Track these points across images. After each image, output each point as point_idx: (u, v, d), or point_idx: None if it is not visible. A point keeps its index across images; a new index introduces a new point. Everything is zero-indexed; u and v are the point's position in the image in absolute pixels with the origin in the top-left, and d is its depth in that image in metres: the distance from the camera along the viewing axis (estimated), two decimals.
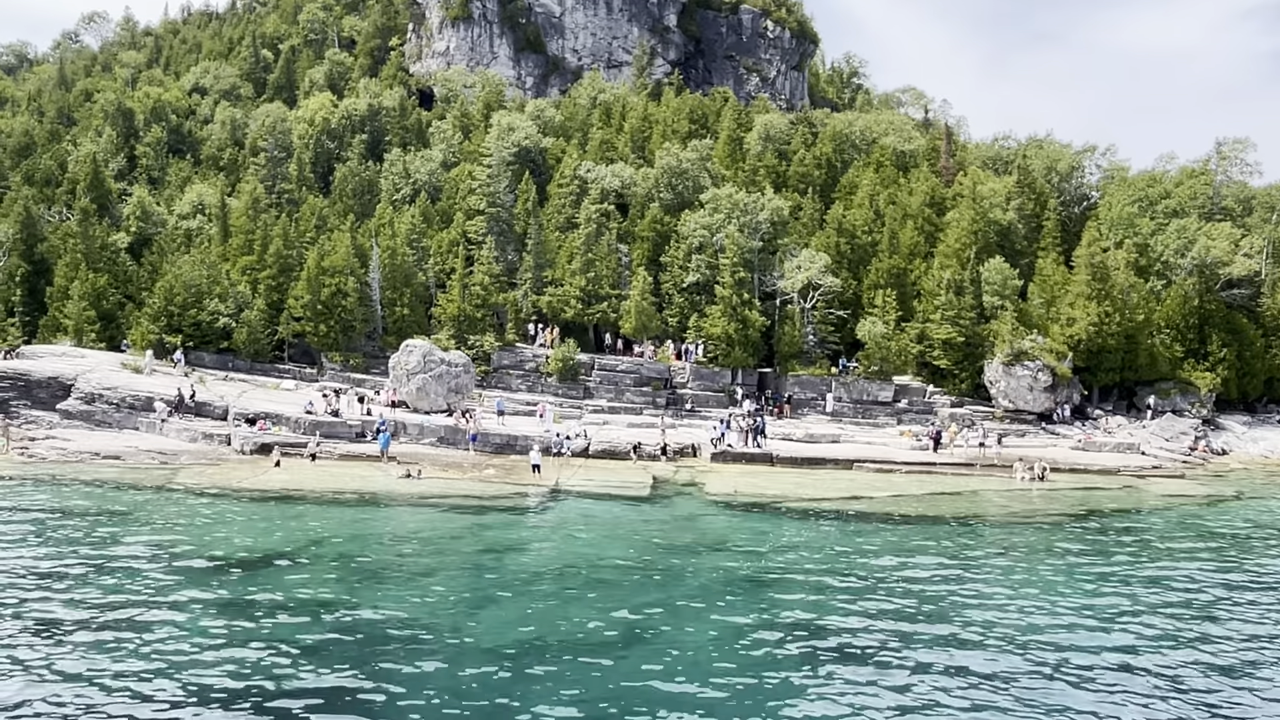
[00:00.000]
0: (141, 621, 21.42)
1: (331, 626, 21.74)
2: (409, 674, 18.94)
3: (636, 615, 23.27)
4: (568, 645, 20.92)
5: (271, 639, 20.60)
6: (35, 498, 34.90)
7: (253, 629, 21.26)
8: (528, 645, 20.82)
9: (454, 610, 23.36)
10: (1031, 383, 59.41)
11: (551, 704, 17.62)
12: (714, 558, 29.33)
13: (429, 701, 17.65)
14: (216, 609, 22.60)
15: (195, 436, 47.08)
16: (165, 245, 67.72)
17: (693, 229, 63.63)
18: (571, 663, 19.84)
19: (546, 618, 22.75)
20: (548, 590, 25.32)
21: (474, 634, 21.52)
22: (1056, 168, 78.66)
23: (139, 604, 22.64)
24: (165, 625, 21.21)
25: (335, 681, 18.47)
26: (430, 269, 64.01)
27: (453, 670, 19.28)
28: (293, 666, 19.08)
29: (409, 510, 35.63)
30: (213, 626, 21.31)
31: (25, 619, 21.32)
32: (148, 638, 20.37)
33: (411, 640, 20.98)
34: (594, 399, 59.46)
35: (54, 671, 18.39)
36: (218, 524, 32.19)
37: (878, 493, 41.05)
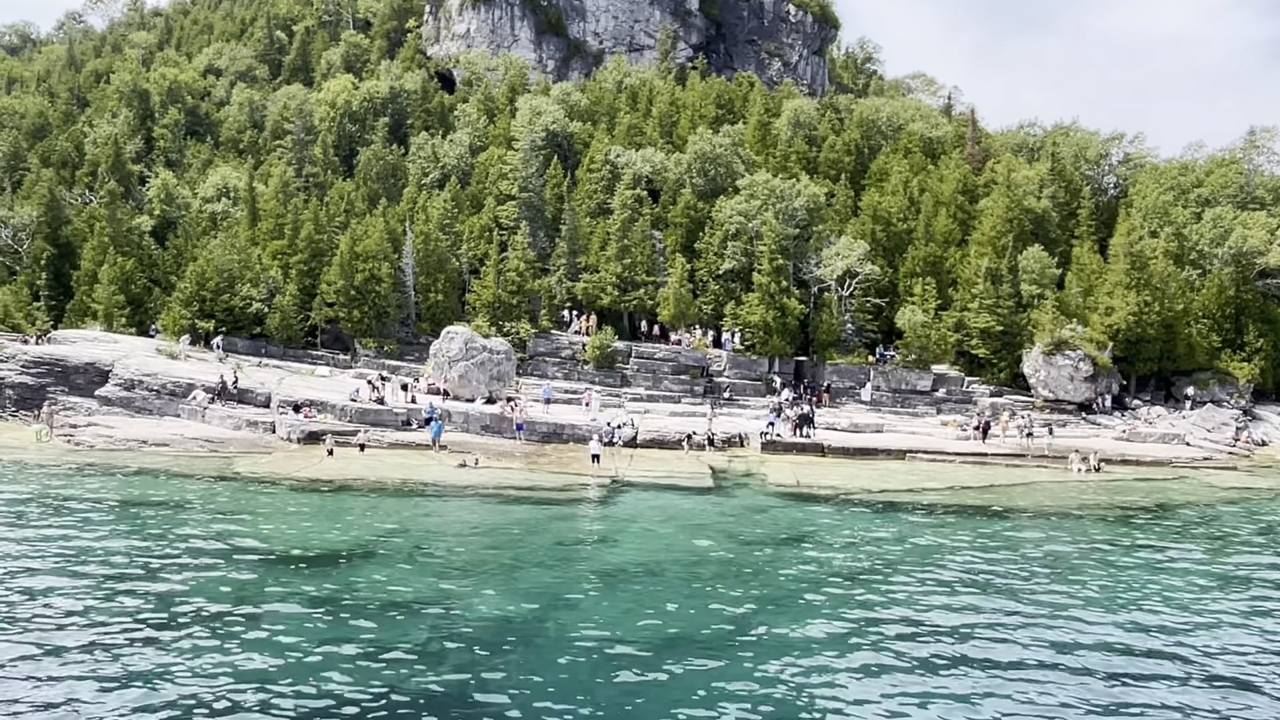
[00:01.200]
0: (237, 620, 20.66)
1: (433, 625, 21.03)
2: (522, 675, 18.23)
3: (738, 610, 22.69)
4: (677, 643, 20.25)
5: (375, 640, 19.84)
6: (94, 486, 34.15)
7: (354, 628, 20.53)
8: (637, 644, 20.16)
9: (552, 606, 22.68)
10: (1072, 372, 58.92)
11: (672, 705, 16.96)
12: (798, 551, 28.76)
13: (546, 703, 16.96)
14: (310, 606, 21.84)
15: (239, 424, 46.31)
16: (190, 229, 66.75)
17: (729, 215, 62.91)
18: (685, 662, 19.17)
19: (649, 615, 22.10)
20: (642, 585, 24.70)
21: (578, 631, 20.82)
22: (1085, 155, 78.11)
23: (229, 600, 21.91)
24: (261, 626, 20.42)
25: (449, 684, 17.74)
26: (464, 254, 63.16)
27: (565, 669, 18.63)
28: (405, 668, 18.34)
29: (475, 501, 34.98)
30: (311, 626, 20.59)
31: (118, 615, 20.55)
32: (247, 638, 19.60)
33: (517, 639, 20.29)
34: (631, 387, 58.80)
35: (154, 674, 17.59)
36: (286, 515, 31.53)
37: (939, 484, 40.51)
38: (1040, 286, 62.85)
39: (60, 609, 20.80)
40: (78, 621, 20.07)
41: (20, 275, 64.14)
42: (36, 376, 48.86)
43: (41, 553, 25.04)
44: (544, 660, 19.10)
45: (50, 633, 19.36)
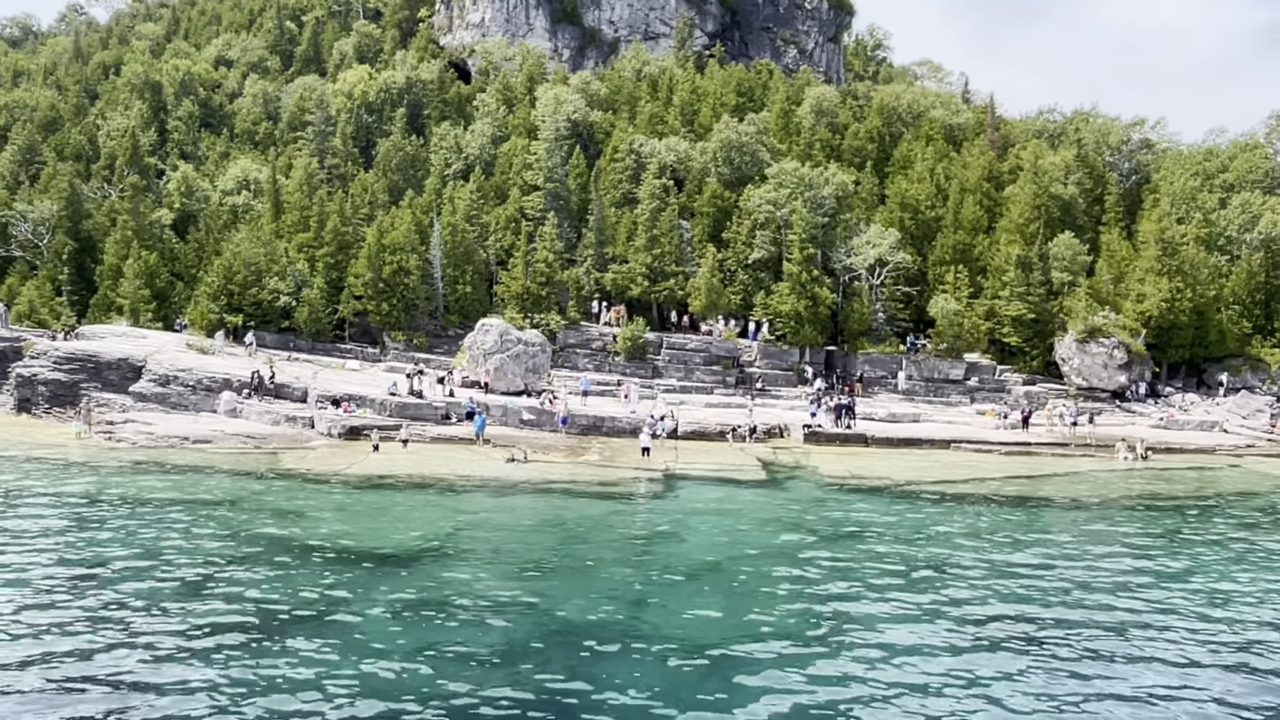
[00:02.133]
0: (325, 623, 20.01)
1: (521, 626, 20.37)
2: (619, 677, 17.53)
3: (822, 608, 22.11)
4: (763, 641, 19.59)
5: (466, 642, 19.17)
6: (147, 484, 33.59)
7: (441, 630, 19.86)
8: (722, 641, 19.49)
9: (636, 605, 22.12)
10: (1106, 360, 58.61)
11: (771, 703, 16.48)
12: (869, 545, 28.26)
13: (648, 704, 16.43)
14: (394, 608, 21.21)
15: (278, 419, 45.78)
16: (211, 222, 66.08)
17: (758, 204, 62.38)
18: (776, 661, 18.46)
19: (731, 611, 21.50)
20: (718, 582, 24.11)
21: (662, 630, 20.20)
22: (1107, 141, 77.61)
23: (314, 603, 21.26)
24: (349, 629, 19.74)
25: (549, 688, 17.06)
26: (491, 246, 62.60)
27: (654, 669, 17.99)
28: (501, 672, 17.67)
29: (531, 497, 34.47)
30: (399, 629, 19.91)
31: (206, 619, 19.90)
32: (339, 642, 18.93)
33: (608, 639, 19.62)
34: (663, 378, 58.33)
35: (249, 680, 16.93)
36: (346, 513, 31.05)
37: (993, 475, 40.14)
38: (1071, 274, 62.48)
39: (145, 612, 20.25)
40: (166, 625, 19.52)
41: (42, 270, 63.50)
42: (69, 373, 48.28)
43: (114, 554, 24.50)
44: (640, 661, 18.47)
45: (141, 636, 18.77)
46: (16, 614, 19.64)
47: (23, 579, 22.02)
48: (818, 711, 16.32)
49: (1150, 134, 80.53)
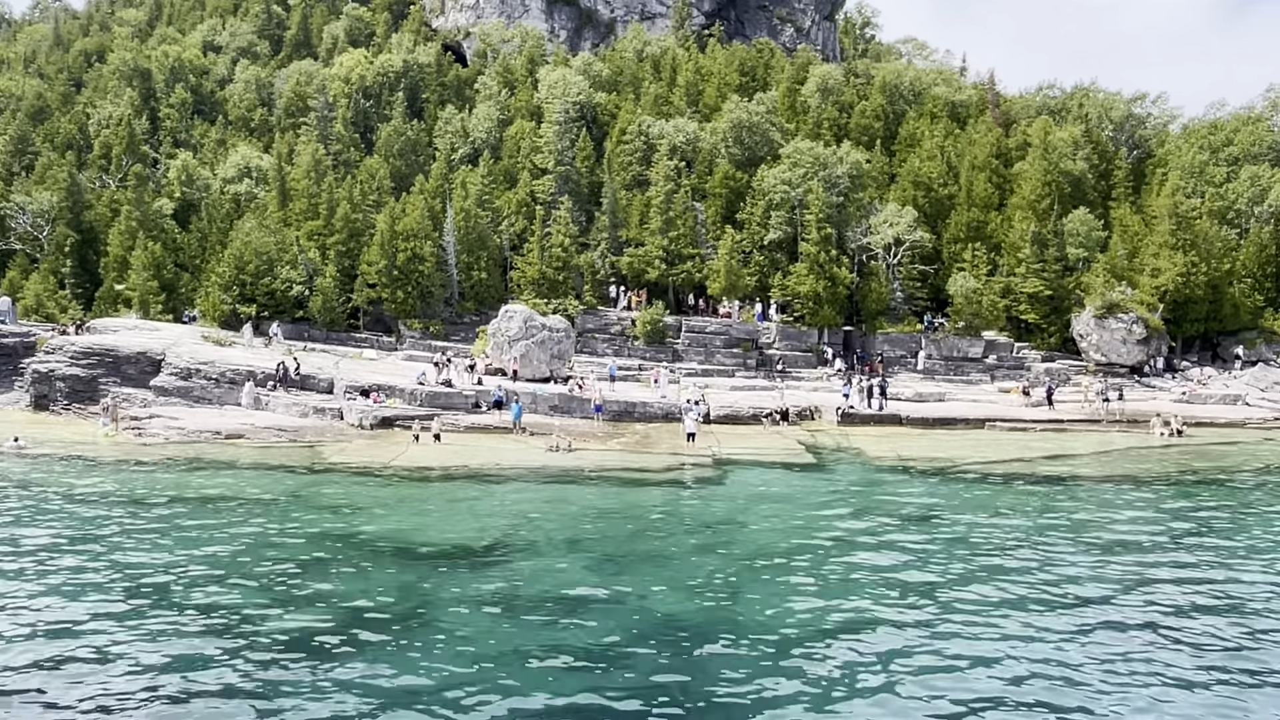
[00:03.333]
0: (410, 623, 19.31)
1: (608, 619, 19.66)
2: (718, 669, 17.02)
3: (919, 593, 21.67)
4: (870, 628, 19.15)
5: (554, 636, 18.59)
6: (195, 482, 32.78)
7: (529, 627, 19.22)
8: (827, 630, 19.10)
9: (723, 594, 21.44)
10: (1125, 335, 58.61)
11: (882, 694, 16.10)
12: (943, 527, 27.86)
13: (754, 697, 16.00)
14: (474, 605, 20.49)
15: (306, 411, 44.95)
16: (214, 212, 64.77)
17: (773, 184, 61.81)
18: (890, 650, 17.97)
19: (825, 598, 20.96)
20: (804, 569, 23.58)
21: (761, 620, 19.58)
22: (1110, 115, 77.61)
23: (396, 602, 20.46)
24: (432, 627, 19.07)
25: (649, 683, 16.54)
26: (505, 231, 61.77)
27: (764, 661, 17.49)
28: (598, 669, 17.12)
29: (584, 486, 33.92)
30: (484, 626, 19.23)
31: (290, 623, 19.17)
32: (425, 640, 18.30)
33: (701, 631, 19.06)
34: (683, 361, 57.81)
35: (346, 681, 16.31)
36: (404, 506, 30.43)
37: (1038, 453, 39.99)
38: (1087, 250, 62.44)
39: (232, 616, 19.45)
40: (255, 629, 18.76)
41: (43, 263, 62.06)
42: (87, 368, 47.19)
43: (186, 558, 23.73)
44: (747, 653, 17.84)
45: (231, 641, 18.02)
46: (97, 621, 18.89)
47: (99, 584, 21.25)
48: (946, 702, 15.91)
49: (1152, 108, 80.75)
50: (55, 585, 21.04)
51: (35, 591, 20.52)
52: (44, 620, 18.93)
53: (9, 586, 20.92)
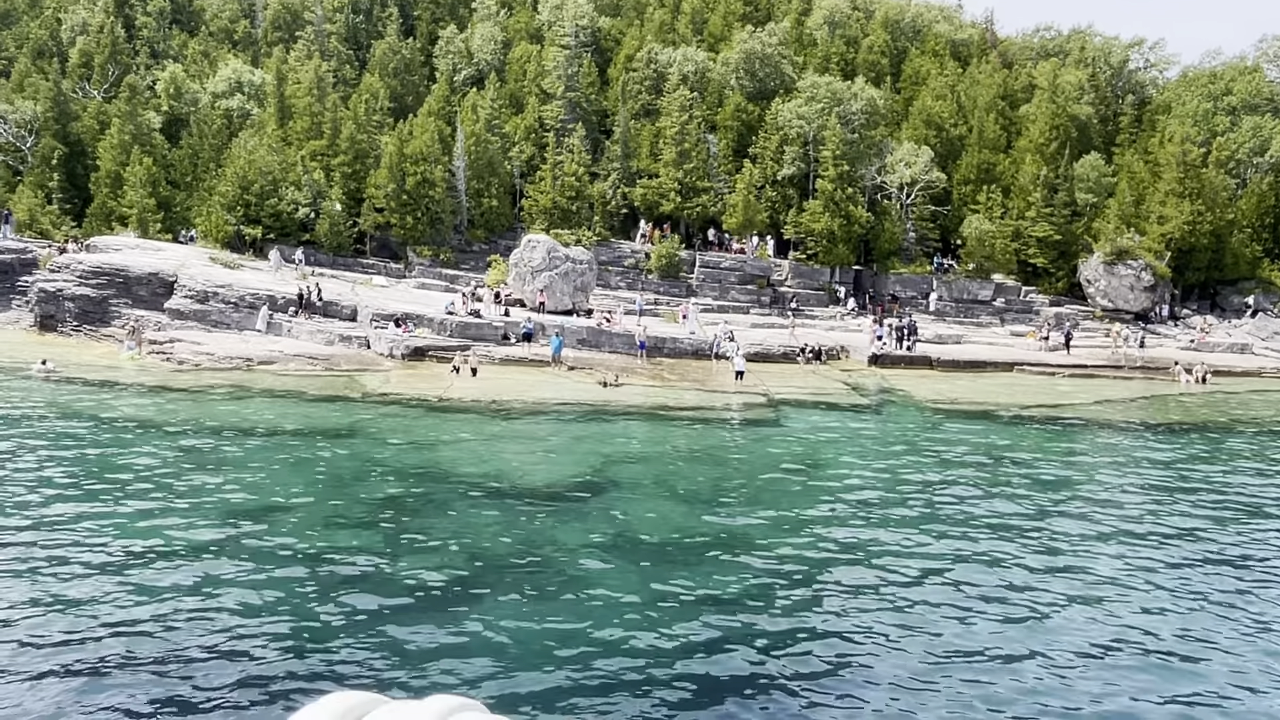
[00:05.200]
0: (522, 565, 18.66)
1: (730, 564, 19.14)
2: (863, 614, 16.83)
3: (1047, 535, 21.63)
4: (1009, 574, 19.03)
5: (682, 580, 18.07)
6: (250, 413, 31.56)
7: (649, 569, 18.65)
8: (962, 572, 18.99)
9: (839, 540, 21.02)
10: (1134, 282, 59.14)
11: (1023, 643, 15.91)
12: (1030, 471, 27.80)
13: (912, 642, 15.80)
14: (589, 548, 19.76)
15: (331, 339, 43.62)
16: (205, 127, 62.00)
17: (788, 119, 60.80)
18: (1033, 595, 17.92)
19: (951, 544, 20.78)
20: (912, 513, 23.22)
21: (899, 566, 19.30)
22: (1109, 60, 77.44)
23: (503, 545, 19.74)
24: (552, 571, 18.42)
25: (793, 627, 16.27)
26: (515, 157, 60.13)
27: (908, 608, 17.24)
28: (731, 611, 16.73)
29: (649, 423, 33.39)
30: (607, 569, 18.53)
31: (403, 569, 18.23)
32: (560, 585, 17.65)
33: (833, 575, 18.73)
34: (696, 297, 57.10)
35: (475, 629, 15.63)
36: (477, 443, 29.63)
37: (1080, 399, 40.24)
38: (1096, 195, 62.62)
39: (335, 559, 18.54)
40: (367, 574, 17.83)
41: (28, 176, 59.06)
42: (97, 288, 45.20)
43: (275, 495, 22.77)
44: (894, 598, 17.64)
45: (337, 586, 17.14)
46: (198, 558, 17.97)
47: (189, 520, 20.15)
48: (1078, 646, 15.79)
49: (1150, 54, 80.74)
50: (142, 522, 19.87)
51: (119, 529, 19.38)
52: (137, 557, 17.88)
53: (98, 521, 19.79)
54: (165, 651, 14.21)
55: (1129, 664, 15.19)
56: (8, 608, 15.35)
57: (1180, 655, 15.55)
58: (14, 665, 13.63)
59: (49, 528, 19.20)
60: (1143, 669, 15.05)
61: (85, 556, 17.71)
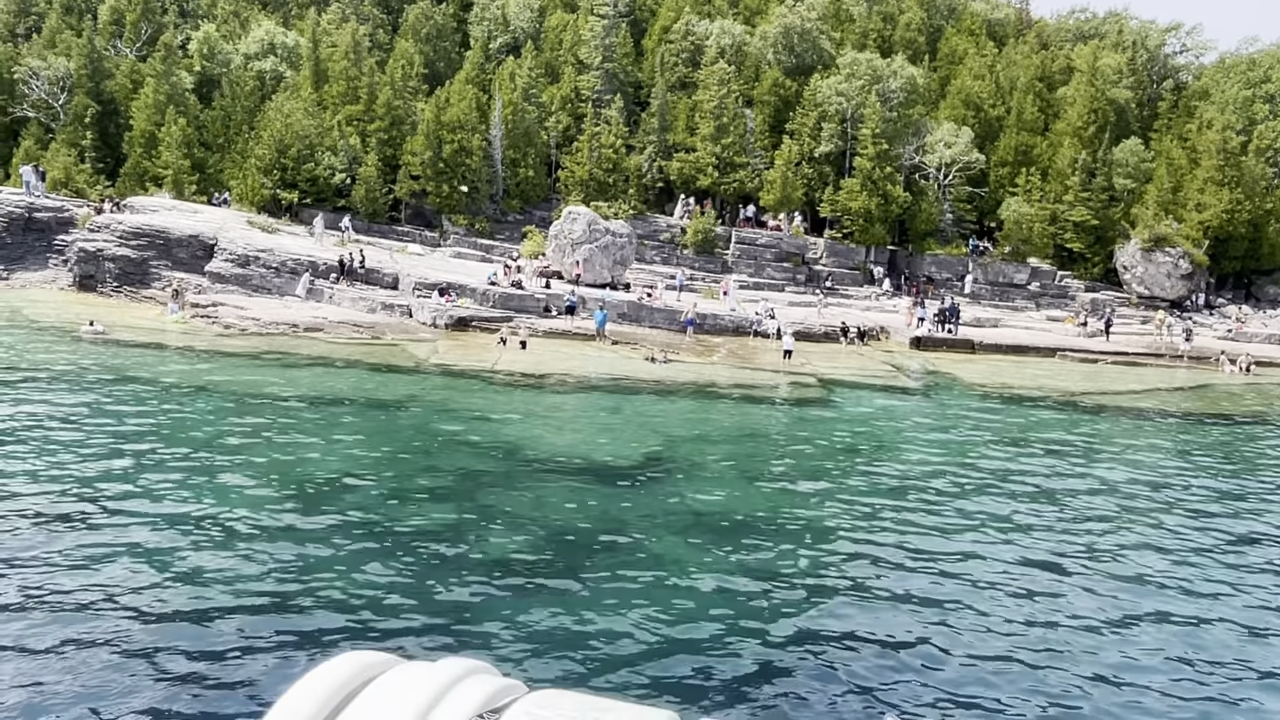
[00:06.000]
0: (603, 544, 18.35)
1: (813, 546, 18.98)
2: (940, 602, 16.50)
3: (1139, 524, 21.38)
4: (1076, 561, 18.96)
5: (769, 568, 17.66)
6: (308, 380, 31.35)
7: (732, 551, 18.31)
8: (1039, 559, 18.81)
9: (913, 526, 20.67)
10: (1171, 269, 58.74)
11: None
12: (1102, 460, 27.60)
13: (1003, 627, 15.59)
14: (668, 530, 19.40)
15: (373, 306, 43.37)
16: (237, 89, 61.41)
17: (827, 95, 60.21)
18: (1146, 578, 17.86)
19: (1026, 534, 20.53)
20: (986, 500, 23.05)
21: (971, 554, 19.07)
22: (1146, 44, 76.62)
23: (583, 522, 19.51)
24: (636, 551, 18.13)
25: (883, 613, 16.11)
26: (552, 127, 59.62)
27: (987, 595, 16.98)
28: (817, 595, 16.60)
29: (706, 403, 33.06)
30: (691, 553, 18.14)
31: (486, 547, 18.07)
32: (640, 563, 17.38)
33: (905, 562, 18.46)
34: (731, 273, 56.73)
35: (565, 608, 15.38)
36: (537, 417, 29.49)
37: (1132, 385, 40.06)
38: (1135, 181, 62.10)
39: (410, 533, 18.28)
40: (440, 548, 17.56)
41: (60, 134, 58.56)
42: (137, 249, 44.90)
43: (343, 463, 22.60)
44: (988, 579, 17.47)
45: (411, 560, 16.85)
46: (276, 528, 17.76)
47: (263, 490, 19.89)
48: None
49: (1186, 39, 79.90)
50: (214, 490, 19.62)
51: (192, 496, 19.14)
52: (210, 525, 17.67)
53: (172, 488, 19.57)
54: (231, 626, 14.01)
55: (1214, 670, 15.03)
56: (80, 568, 15.15)
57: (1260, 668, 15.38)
58: (96, 627, 13.45)
59: (120, 494, 18.97)
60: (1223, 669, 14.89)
61: (160, 523, 17.46)
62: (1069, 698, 13.58)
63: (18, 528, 16.87)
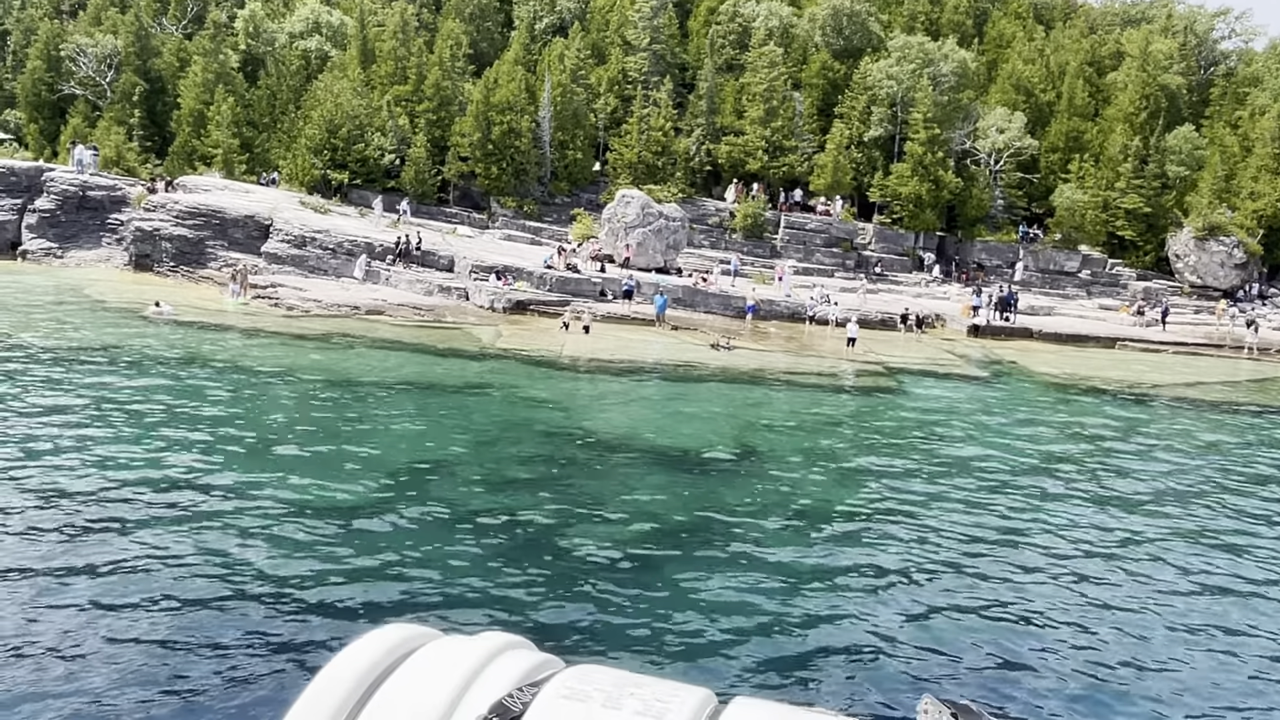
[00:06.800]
0: (708, 535, 18.03)
1: (915, 539, 18.62)
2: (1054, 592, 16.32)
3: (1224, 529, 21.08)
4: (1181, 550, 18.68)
5: (877, 563, 17.38)
6: (378, 362, 31.22)
7: (843, 547, 18.10)
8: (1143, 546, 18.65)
9: (1021, 517, 20.39)
10: (1225, 258, 58.00)
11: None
12: (1190, 454, 27.21)
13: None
14: (769, 522, 19.11)
15: (430, 289, 43.19)
16: (284, 68, 61.15)
17: (878, 79, 59.55)
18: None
19: (1133, 518, 20.40)
20: (1085, 489, 22.72)
21: (1061, 547, 18.75)
22: (1194, 29, 75.50)
23: (681, 516, 19.19)
24: (741, 541, 17.80)
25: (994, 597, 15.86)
26: (601, 109, 59.19)
27: (1108, 589, 16.76)
28: (936, 589, 16.29)
29: (779, 391, 32.75)
30: (796, 547, 17.88)
31: (592, 538, 17.79)
32: (749, 556, 17.03)
33: (1016, 553, 18.27)
34: (781, 258, 56.30)
35: (676, 596, 15.19)
36: (617, 405, 29.27)
37: (1206, 377, 39.49)
38: (1188, 168, 61.28)
39: (511, 523, 18.07)
40: (543, 539, 17.27)
41: (108, 112, 58.48)
42: (194, 229, 44.83)
43: (436, 450, 22.43)
44: (1050, 579, 17.12)
45: (517, 549, 16.65)
46: (370, 523, 17.52)
47: (359, 475, 19.70)
48: None
49: (1235, 24, 78.74)
50: (303, 477, 19.34)
51: (281, 483, 18.92)
52: (304, 512, 17.45)
53: (264, 474, 19.37)
54: (322, 613, 13.82)
55: None
56: (171, 556, 15.02)
57: None
58: (188, 614, 13.31)
59: (215, 480, 18.80)
60: None
61: (253, 510, 17.20)
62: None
63: (128, 498, 16.88)
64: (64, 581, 13.81)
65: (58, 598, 13.31)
